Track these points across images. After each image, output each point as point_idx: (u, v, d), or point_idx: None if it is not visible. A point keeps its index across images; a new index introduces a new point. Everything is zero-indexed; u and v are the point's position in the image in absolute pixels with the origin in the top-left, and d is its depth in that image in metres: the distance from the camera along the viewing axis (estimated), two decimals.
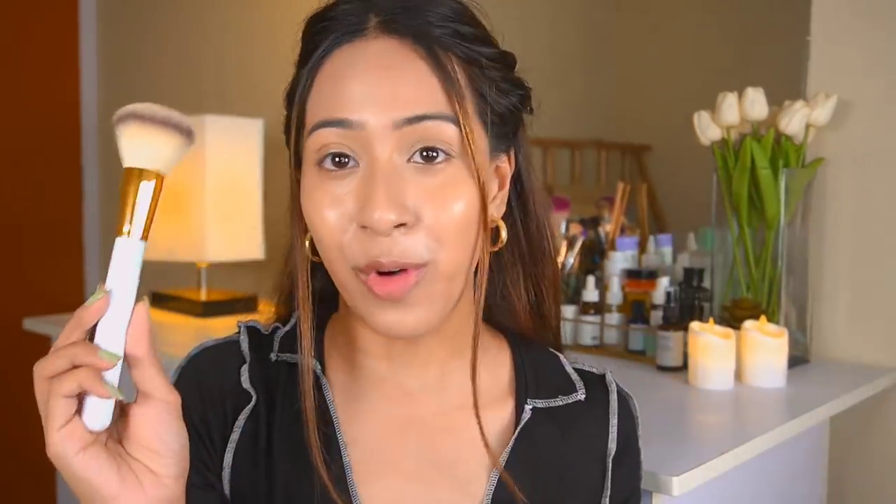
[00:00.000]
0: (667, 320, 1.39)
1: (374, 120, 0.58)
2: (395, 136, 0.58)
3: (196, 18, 2.55)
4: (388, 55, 0.60)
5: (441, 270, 0.59)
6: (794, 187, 1.44)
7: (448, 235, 0.59)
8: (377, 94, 0.58)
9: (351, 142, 0.59)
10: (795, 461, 1.30)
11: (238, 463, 0.65)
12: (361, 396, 0.67)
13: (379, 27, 0.60)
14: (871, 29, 1.47)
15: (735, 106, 1.44)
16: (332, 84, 0.60)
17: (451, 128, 0.59)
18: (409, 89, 0.59)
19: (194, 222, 1.90)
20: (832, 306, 1.52)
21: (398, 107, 0.58)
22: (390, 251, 0.57)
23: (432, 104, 0.59)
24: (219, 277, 2.15)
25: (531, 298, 0.72)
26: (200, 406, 0.66)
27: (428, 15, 0.60)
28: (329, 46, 0.61)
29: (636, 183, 1.95)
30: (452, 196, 0.59)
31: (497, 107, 0.63)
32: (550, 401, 0.69)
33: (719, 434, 1.10)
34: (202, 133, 1.90)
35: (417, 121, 0.58)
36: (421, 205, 0.58)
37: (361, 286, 0.59)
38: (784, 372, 1.30)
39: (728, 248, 1.49)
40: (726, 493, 1.08)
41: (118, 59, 2.84)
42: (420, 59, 0.60)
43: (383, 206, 0.56)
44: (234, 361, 0.68)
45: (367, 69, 0.59)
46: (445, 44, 0.60)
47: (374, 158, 0.58)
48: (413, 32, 0.60)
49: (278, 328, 0.71)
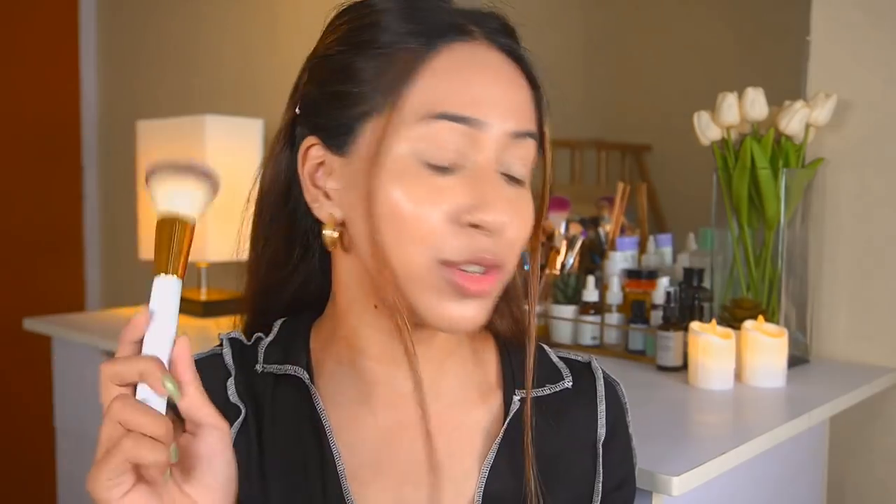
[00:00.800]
0: (667, 320, 1.39)
1: (498, 124, 0.60)
2: (508, 144, 0.61)
3: (196, 18, 2.55)
4: (502, 65, 0.62)
5: (503, 276, 0.62)
6: (794, 187, 1.44)
7: (516, 246, 0.62)
8: (505, 101, 0.61)
9: (465, 140, 0.59)
10: (795, 461, 1.30)
11: None
12: (354, 401, 0.67)
13: (484, 36, 0.63)
14: (871, 29, 1.47)
15: (735, 106, 1.44)
16: (458, 79, 0.60)
17: (534, 147, 0.63)
18: (525, 104, 0.63)
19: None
20: (832, 306, 1.52)
21: (517, 117, 0.61)
22: (494, 249, 0.60)
23: (533, 123, 0.63)
24: (219, 277, 2.15)
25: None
26: None
27: (514, 34, 0.65)
28: (444, 38, 0.61)
29: (636, 183, 1.95)
30: (528, 214, 0.63)
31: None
32: (538, 391, 0.69)
33: (719, 434, 1.10)
34: (202, 133, 1.90)
35: (525, 136, 0.62)
36: (508, 214, 0.61)
37: (441, 280, 0.59)
38: (784, 372, 1.30)
39: (728, 248, 1.49)
40: (726, 493, 1.08)
41: (118, 59, 2.84)
42: (522, 77, 0.63)
43: (501, 209, 0.59)
44: (218, 375, 0.67)
45: (491, 73, 0.61)
46: (529, 65, 0.64)
47: (488, 160, 0.60)
48: (512, 52, 0.63)
49: (261, 338, 0.70)
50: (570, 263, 1.64)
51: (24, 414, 2.55)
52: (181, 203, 0.57)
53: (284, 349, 0.68)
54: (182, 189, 0.57)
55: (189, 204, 0.57)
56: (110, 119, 2.86)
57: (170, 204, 0.57)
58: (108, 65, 2.87)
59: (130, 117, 2.17)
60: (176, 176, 0.57)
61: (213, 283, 2.05)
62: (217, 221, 1.90)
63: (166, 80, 2.65)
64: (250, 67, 2.37)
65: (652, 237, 1.72)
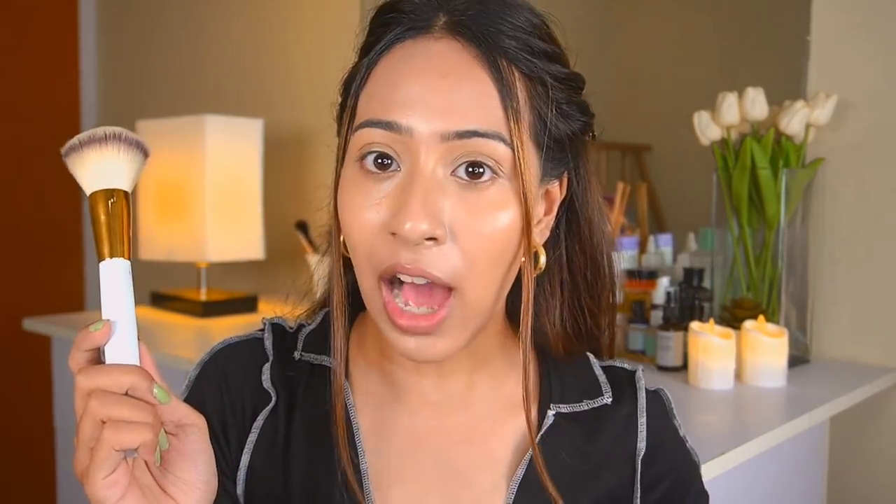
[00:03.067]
0: (667, 320, 1.39)
1: (423, 128, 0.55)
2: (442, 148, 0.55)
3: (196, 18, 2.55)
4: (449, 58, 0.57)
5: (468, 299, 0.57)
6: (794, 187, 1.44)
7: (480, 259, 0.56)
8: (430, 101, 0.55)
9: (396, 145, 0.56)
10: (795, 461, 1.30)
11: (255, 464, 0.64)
12: (384, 403, 0.66)
13: (446, 27, 0.58)
14: (871, 29, 1.47)
15: (735, 106, 1.44)
16: (386, 82, 0.57)
17: (502, 147, 0.56)
18: (465, 101, 0.55)
19: (194, 222, 1.90)
20: (832, 306, 1.52)
21: (450, 117, 0.55)
22: (417, 261, 0.55)
23: (487, 120, 0.56)
24: (219, 277, 2.15)
25: (567, 327, 0.68)
26: (220, 405, 0.66)
27: (500, 23, 0.57)
28: (391, 40, 0.58)
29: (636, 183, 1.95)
30: (492, 218, 0.56)
31: (555, 130, 0.60)
32: (575, 405, 0.67)
33: (719, 434, 1.10)
34: (202, 133, 1.89)
35: (469, 136, 0.55)
36: (457, 222, 0.55)
37: (381, 305, 0.57)
38: (784, 372, 1.30)
39: (728, 248, 1.49)
40: (727, 493, 1.08)
41: (118, 59, 2.84)
42: (481, 68, 0.56)
43: (416, 216, 0.53)
44: (256, 359, 0.67)
45: (423, 71, 0.56)
46: (511, 56, 0.57)
47: (416, 167, 0.55)
48: (480, 39, 0.57)
49: (304, 326, 0.70)
50: None
51: (24, 414, 2.54)
52: (110, 177, 0.53)
53: (324, 339, 0.67)
54: (107, 161, 0.53)
55: (119, 176, 0.53)
56: (110, 119, 2.86)
57: (98, 180, 0.53)
58: (108, 65, 2.87)
59: (130, 117, 2.17)
60: (97, 148, 0.53)
61: (213, 283, 2.05)
62: (217, 221, 1.90)
63: (166, 80, 2.65)
64: (250, 67, 2.37)
65: (652, 237, 1.72)
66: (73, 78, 2.85)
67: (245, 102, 2.33)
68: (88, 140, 0.53)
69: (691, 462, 0.71)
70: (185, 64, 2.59)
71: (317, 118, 2.16)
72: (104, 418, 0.49)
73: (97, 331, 0.52)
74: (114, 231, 0.53)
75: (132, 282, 0.53)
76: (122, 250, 0.53)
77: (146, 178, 2.02)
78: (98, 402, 0.49)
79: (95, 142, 0.53)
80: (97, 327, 0.52)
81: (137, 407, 0.50)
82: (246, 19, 2.39)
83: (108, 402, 0.49)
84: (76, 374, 0.51)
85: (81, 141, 0.53)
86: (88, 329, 0.52)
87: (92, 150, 0.53)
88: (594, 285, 0.68)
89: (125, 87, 2.82)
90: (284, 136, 2.20)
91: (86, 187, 0.54)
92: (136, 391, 0.51)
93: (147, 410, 0.50)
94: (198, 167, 1.90)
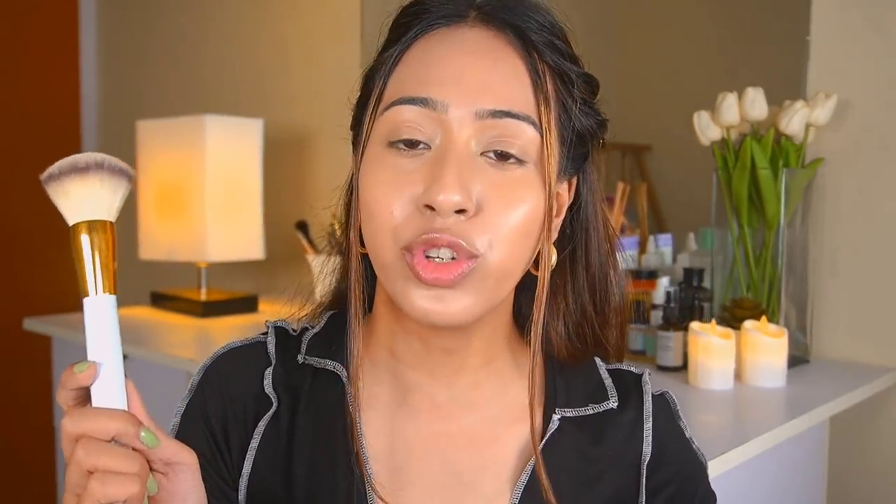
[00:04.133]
0: (667, 320, 1.39)
1: (459, 104, 0.57)
2: (476, 126, 0.57)
3: (196, 17, 2.55)
4: (484, 44, 0.59)
5: (492, 267, 0.57)
6: (794, 187, 1.44)
7: (505, 235, 0.57)
8: (466, 79, 0.57)
9: (428, 122, 0.57)
10: (795, 461, 1.30)
11: (257, 469, 0.64)
12: (390, 407, 0.66)
13: (478, 18, 0.60)
14: (870, 29, 1.47)
15: (735, 106, 1.44)
16: (420, 63, 0.59)
17: (531, 130, 0.58)
18: (500, 81, 0.58)
19: (194, 222, 1.90)
20: (832, 306, 1.52)
21: (485, 96, 0.57)
22: (446, 230, 0.55)
23: (519, 103, 0.58)
24: (219, 277, 2.15)
25: (571, 334, 0.68)
26: (221, 411, 0.66)
27: (528, 20, 0.60)
28: (422, 29, 0.60)
29: (636, 183, 1.95)
30: (518, 197, 0.57)
31: (578, 125, 0.62)
32: (580, 410, 0.66)
33: (719, 434, 1.10)
34: (202, 133, 1.89)
35: (501, 116, 0.57)
36: (485, 197, 0.56)
37: (404, 267, 0.57)
38: (784, 372, 1.30)
39: (728, 248, 1.49)
40: (726, 493, 1.08)
41: (118, 57, 2.84)
42: (515, 54, 0.59)
43: (450, 187, 0.54)
44: (259, 364, 0.67)
45: (458, 53, 0.58)
46: (540, 49, 0.59)
47: (450, 142, 0.57)
48: (512, 28, 0.59)
49: (307, 329, 0.69)
50: None
51: (24, 414, 2.54)
52: (92, 207, 0.50)
53: (328, 343, 0.67)
54: (90, 191, 0.50)
55: (102, 206, 0.51)
56: (110, 119, 2.86)
57: (80, 212, 0.50)
58: (108, 65, 2.87)
59: (130, 117, 2.17)
60: (79, 178, 0.50)
61: (213, 284, 2.05)
62: (217, 221, 1.90)
63: (166, 80, 2.65)
64: (250, 67, 2.37)
65: (652, 237, 1.72)
66: (73, 78, 2.85)
67: (245, 102, 2.33)
68: (69, 169, 0.50)
69: (698, 463, 0.70)
70: (185, 64, 2.59)
71: (317, 118, 2.16)
72: (90, 469, 0.49)
73: (81, 373, 0.51)
74: (99, 265, 0.51)
75: (118, 316, 0.51)
76: (108, 285, 0.51)
77: (146, 178, 2.02)
78: (84, 451, 0.49)
79: (77, 171, 0.50)
80: (81, 369, 0.51)
81: (125, 457, 0.49)
82: (246, 20, 2.39)
83: (94, 452, 0.49)
84: (64, 414, 0.51)
85: (62, 169, 0.50)
86: (73, 370, 0.51)
87: (73, 180, 0.50)
88: (597, 296, 0.68)
89: (125, 87, 2.82)
90: (284, 136, 2.20)
91: (67, 218, 0.51)
92: (123, 438, 0.50)
93: (134, 459, 0.50)
94: (198, 167, 1.90)
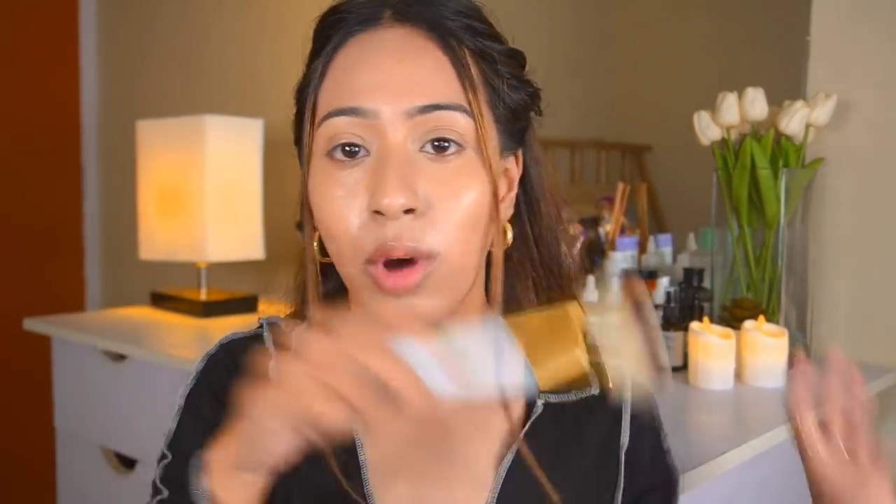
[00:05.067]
0: (667, 320, 1.39)
1: (388, 108, 0.58)
2: (409, 125, 0.58)
3: (196, 18, 2.55)
4: (402, 43, 0.60)
5: (450, 262, 0.58)
6: (794, 187, 1.44)
7: (458, 226, 0.58)
8: (391, 82, 0.58)
9: (363, 130, 0.58)
10: (795, 461, 1.29)
11: None
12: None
13: (393, 17, 0.61)
14: (870, 29, 1.47)
15: (735, 106, 1.44)
16: (345, 73, 0.60)
17: (464, 118, 0.59)
18: (424, 77, 0.59)
19: (194, 222, 1.90)
20: (832, 306, 1.52)
21: (412, 95, 0.58)
22: (400, 236, 0.57)
23: (446, 94, 0.59)
24: (219, 277, 2.15)
25: (540, 299, 0.70)
26: (229, 389, 0.65)
27: (441, 8, 0.61)
28: (342, 38, 0.61)
29: (636, 183, 1.95)
30: (463, 186, 0.59)
31: (509, 101, 0.63)
32: (563, 395, 0.68)
33: (719, 434, 1.10)
34: (202, 133, 1.89)
35: (431, 109, 0.58)
36: (432, 193, 0.58)
37: (368, 280, 0.58)
38: (784, 372, 1.30)
39: (728, 248, 1.49)
40: (727, 493, 1.08)
41: (118, 59, 2.84)
42: (435, 47, 0.60)
43: (394, 190, 0.56)
44: (258, 354, 0.67)
45: (380, 57, 0.59)
46: (458, 36, 0.60)
47: (387, 146, 0.58)
48: (427, 22, 0.60)
49: (297, 325, 0.70)
50: None
51: (24, 414, 2.54)
52: None
53: None
54: None
55: None
56: (110, 119, 2.86)
57: None
58: (108, 65, 2.87)
59: (130, 117, 2.17)
60: None
61: (213, 283, 2.05)
62: (217, 221, 1.89)
63: (166, 80, 2.65)
64: (250, 67, 2.37)
65: (652, 237, 1.72)
66: (73, 78, 2.85)
67: (245, 102, 2.33)
68: None
69: (672, 479, 0.73)
70: (185, 64, 2.59)
71: None
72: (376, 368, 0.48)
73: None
74: None
75: None
76: None
77: (146, 179, 2.02)
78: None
79: None
80: None
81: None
82: (245, 20, 2.39)
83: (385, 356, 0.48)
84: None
85: None
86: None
87: None
88: (555, 266, 0.69)
89: (125, 87, 2.82)
90: (284, 136, 2.19)
91: None
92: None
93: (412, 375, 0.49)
94: (198, 167, 1.90)
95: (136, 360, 1.60)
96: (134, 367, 1.62)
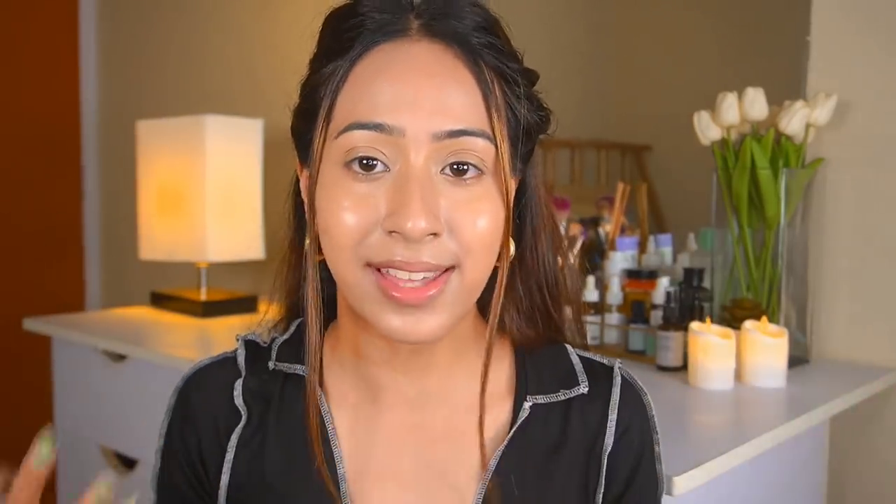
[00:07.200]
0: (667, 320, 1.39)
1: (414, 127, 0.57)
2: (434, 147, 0.57)
3: (196, 18, 2.55)
4: (432, 61, 0.58)
5: (466, 279, 0.59)
6: (794, 187, 1.44)
7: (475, 248, 0.58)
8: (420, 102, 0.57)
9: (385, 146, 0.57)
10: (795, 461, 1.30)
11: (233, 481, 0.66)
12: (361, 404, 0.67)
13: (422, 30, 0.59)
14: (871, 29, 1.47)
15: (735, 106, 1.44)
16: (368, 85, 0.58)
17: (484, 142, 0.58)
18: (453, 100, 0.58)
19: (194, 222, 1.90)
20: (832, 306, 1.52)
21: (441, 117, 0.57)
22: (416, 255, 0.56)
23: (474, 119, 0.58)
24: (219, 277, 2.15)
25: (522, 316, 0.70)
26: (196, 441, 0.67)
27: (466, 22, 0.59)
28: (366, 45, 0.59)
29: (636, 183, 1.95)
30: (481, 211, 0.58)
31: (524, 123, 0.62)
32: (552, 396, 0.68)
33: (719, 434, 1.10)
34: (202, 133, 1.89)
35: (458, 135, 0.57)
36: (451, 216, 0.57)
37: (372, 286, 0.58)
38: (784, 372, 1.30)
39: (728, 248, 1.49)
40: (726, 493, 1.08)
41: (118, 59, 2.84)
42: (464, 67, 0.59)
43: (417, 214, 0.55)
44: (228, 378, 0.69)
45: (409, 73, 0.58)
46: (484, 56, 0.59)
47: (410, 165, 0.57)
48: (457, 40, 0.59)
49: (276, 337, 0.71)
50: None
51: (24, 414, 2.54)
52: None
53: (297, 349, 0.68)
54: None
55: None
56: (110, 119, 2.86)
57: None
58: (108, 65, 2.87)
59: (130, 117, 2.17)
60: None
61: (213, 283, 2.05)
62: (217, 221, 1.89)
63: (166, 80, 2.65)
64: (250, 67, 2.37)
65: (652, 237, 1.71)
66: (73, 78, 2.85)
67: (245, 102, 2.33)
68: None
69: (654, 488, 0.71)
70: (185, 64, 2.59)
71: None
72: None
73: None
74: None
75: None
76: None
77: (146, 178, 2.02)
78: None
79: None
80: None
81: None
82: (245, 20, 2.39)
83: None
84: None
85: None
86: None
87: None
88: (548, 278, 0.69)
89: (125, 87, 2.82)
90: (284, 136, 2.19)
91: None
92: None
93: None
94: (198, 167, 1.90)
95: (136, 360, 1.60)
96: (134, 367, 1.62)
